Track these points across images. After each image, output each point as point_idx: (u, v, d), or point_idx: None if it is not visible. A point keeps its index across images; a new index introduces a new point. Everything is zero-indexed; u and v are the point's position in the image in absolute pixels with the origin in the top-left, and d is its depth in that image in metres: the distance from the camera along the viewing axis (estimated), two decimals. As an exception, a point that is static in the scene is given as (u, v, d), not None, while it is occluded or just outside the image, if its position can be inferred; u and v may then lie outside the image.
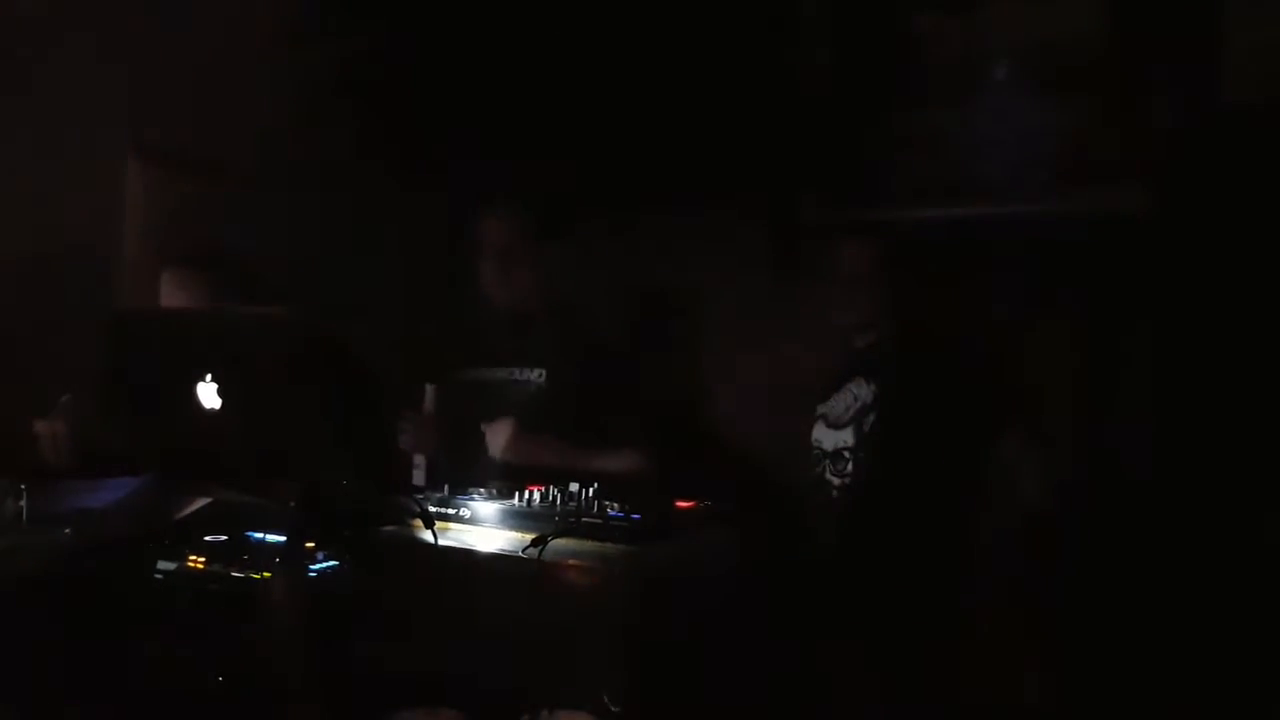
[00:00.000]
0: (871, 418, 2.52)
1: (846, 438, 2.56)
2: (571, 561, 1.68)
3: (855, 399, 2.56)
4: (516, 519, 1.85)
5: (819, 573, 2.34)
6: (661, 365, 2.39)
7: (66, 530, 1.92)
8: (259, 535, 1.91)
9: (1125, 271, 2.91)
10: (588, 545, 1.74)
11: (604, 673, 1.62)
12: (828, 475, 2.59)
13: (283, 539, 1.84)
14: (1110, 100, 3.04)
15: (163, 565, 1.82)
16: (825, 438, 2.61)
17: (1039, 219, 3.01)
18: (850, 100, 3.30)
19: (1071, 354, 2.97)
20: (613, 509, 1.81)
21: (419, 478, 2.21)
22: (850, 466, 2.54)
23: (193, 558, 1.83)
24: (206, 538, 1.89)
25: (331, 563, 1.81)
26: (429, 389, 2.28)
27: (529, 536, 1.74)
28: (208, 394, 1.77)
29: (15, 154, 2.61)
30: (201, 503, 2.01)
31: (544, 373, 2.39)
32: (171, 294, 2.45)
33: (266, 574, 1.77)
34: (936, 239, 2.98)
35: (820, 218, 3.15)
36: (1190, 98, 2.90)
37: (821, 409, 2.63)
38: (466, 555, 1.78)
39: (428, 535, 1.77)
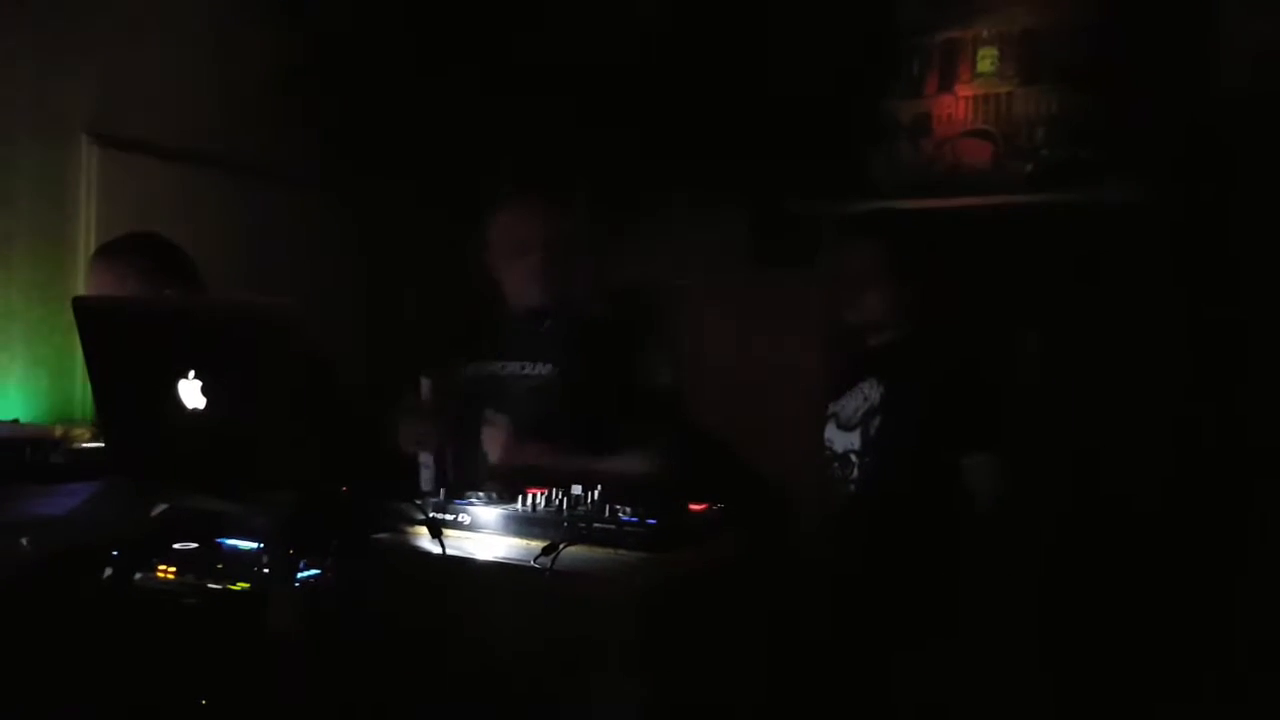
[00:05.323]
0: (877, 421, 2.44)
1: (854, 440, 2.46)
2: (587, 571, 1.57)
3: (865, 399, 2.47)
4: (520, 524, 1.72)
5: (824, 574, 2.26)
6: (671, 362, 2.27)
7: (23, 540, 1.75)
8: (231, 543, 1.76)
9: (1130, 266, 2.89)
10: (600, 552, 1.63)
11: (624, 687, 1.50)
12: (837, 477, 2.51)
13: (256, 546, 1.70)
14: (1107, 91, 3.03)
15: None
16: (836, 439, 2.52)
17: (1036, 211, 2.99)
18: (852, 92, 3.26)
19: (1078, 355, 2.94)
20: (625, 513, 1.69)
21: (426, 481, 2.05)
22: (856, 471, 2.45)
23: (162, 568, 1.68)
24: (175, 545, 1.73)
25: (313, 571, 1.67)
26: (424, 382, 2.12)
27: (533, 543, 1.63)
28: (186, 391, 1.63)
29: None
30: (161, 508, 1.85)
31: (552, 367, 2.27)
32: (99, 284, 2.29)
33: (243, 584, 1.63)
34: (946, 235, 2.93)
35: (828, 212, 3.09)
36: (1185, 89, 2.89)
37: (833, 408, 2.54)
38: (471, 564, 1.64)
39: (429, 543, 1.65)
